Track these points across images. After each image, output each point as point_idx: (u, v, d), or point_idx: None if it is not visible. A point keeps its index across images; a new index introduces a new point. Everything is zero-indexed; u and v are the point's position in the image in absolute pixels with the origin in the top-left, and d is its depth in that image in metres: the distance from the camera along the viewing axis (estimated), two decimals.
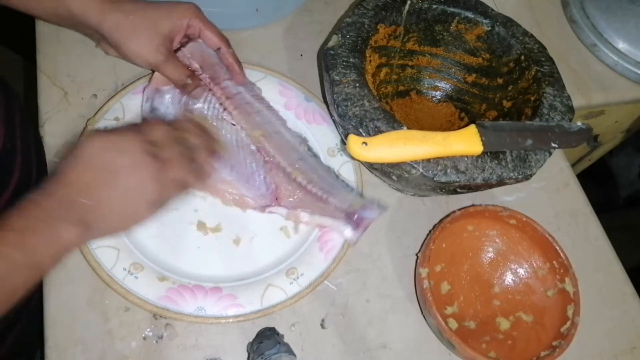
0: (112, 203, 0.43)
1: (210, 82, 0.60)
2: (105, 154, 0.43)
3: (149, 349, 0.51)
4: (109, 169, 0.43)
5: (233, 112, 0.59)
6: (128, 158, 0.43)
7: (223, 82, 0.60)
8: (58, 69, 0.64)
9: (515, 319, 0.58)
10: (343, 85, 0.55)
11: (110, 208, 0.43)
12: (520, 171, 0.53)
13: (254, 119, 0.59)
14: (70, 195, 0.41)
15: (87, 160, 0.42)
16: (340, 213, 0.56)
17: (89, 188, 0.42)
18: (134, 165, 0.43)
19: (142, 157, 0.43)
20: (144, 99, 0.59)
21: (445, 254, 0.60)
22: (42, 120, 0.61)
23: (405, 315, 0.58)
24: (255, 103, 0.61)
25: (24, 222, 0.39)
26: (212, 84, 0.60)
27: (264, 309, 0.53)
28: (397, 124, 0.52)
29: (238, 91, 0.60)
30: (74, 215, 0.40)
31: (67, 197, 0.41)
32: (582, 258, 0.63)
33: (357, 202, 0.57)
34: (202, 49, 0.60)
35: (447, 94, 0.71)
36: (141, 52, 0.55)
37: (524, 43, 0.63)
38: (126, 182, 0.43)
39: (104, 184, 0.42)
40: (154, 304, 0.51)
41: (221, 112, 0.59)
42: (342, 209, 0.56)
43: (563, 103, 0.59)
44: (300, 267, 0.56)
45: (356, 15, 0.60)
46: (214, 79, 0.60)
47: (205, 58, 0.60)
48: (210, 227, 0.57)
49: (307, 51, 0.73)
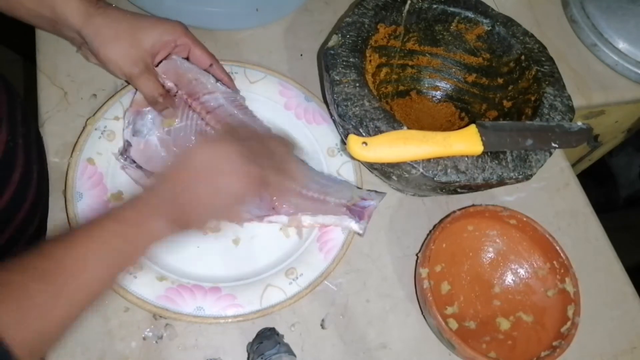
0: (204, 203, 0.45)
1: (187, 98, 0.59)
2: (213, 161, 0.46)
3: (149, 349, 0.51)
4: (211, 173, 0.45)
5: (215, 126, 0.58)
6: (230, 165, 0.45)
7: (202, 96, 0.59)
8: (58, 69, 0.64)
9: (515, 319, 0.58)
10: (343, 85, 0.55)
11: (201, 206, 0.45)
12: (521, 171, 0.53)
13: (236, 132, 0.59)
14: (170, 197, 0.44)
15: (194, 165, 0.45)
16: (341, 208, 0.57)
17: (188, 189, 0.45)
18: (235, 170, 0.45)
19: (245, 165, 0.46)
20: (126, 123, 0.58)
21: (445, 254, 0.60)
22: (42, 120, 0.61)
23: (405, 315, 0.58)
24: (238, 115, 0.60)
25: (133, 215, 0.43)
26: (191, 100, 0.59)
27: (263, 309, 0.53)
28: (397, 124, 0.52)
29: (219, 104, 0.59)
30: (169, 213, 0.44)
31: (167, 199, 0.44)
32: (582, 258, 0.63)
33: (355, 194, 0.58)
34: (177, 65, 0.59)
35: (447, 94, 0.71)
36: (118, 60, 0.54)
37: (524, 43, 0.63)
38: (223, 184, 0.45)
39: (202, 181, 0.45)
40: (153, 304, 0.51)
41: (204, 127, 0.58)
42: (343, 204, 0.57)
43: (563, 103, 0.59)
44: (300, 267, 0.56)
45: (356, 15, 0.60)
46: (192, 95, 0.59)
47: (180, 75, 0.59)
48: (209, 227, 0.57)
49: (307, 51, 0.73)
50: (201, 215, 0.46)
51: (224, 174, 0.45)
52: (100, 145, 0.58)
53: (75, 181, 0.55)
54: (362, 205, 0.57)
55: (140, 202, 0.44)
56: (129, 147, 0.57)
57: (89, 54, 0.58)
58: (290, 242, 0.58)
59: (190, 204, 0.44)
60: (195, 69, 0.60)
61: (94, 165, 0.57)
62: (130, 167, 0.56)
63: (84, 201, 0.54)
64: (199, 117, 0.58)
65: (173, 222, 0.44)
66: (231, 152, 0.45)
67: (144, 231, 0.43)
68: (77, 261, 0.38)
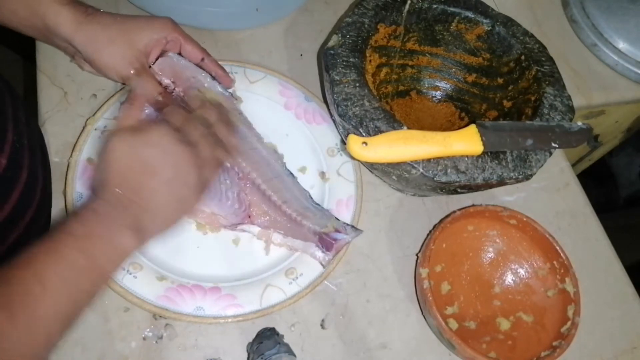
0: (160, 197, 0.43)
1: (184, 96, 0.59)
2: (138, 152, 0.43)
3: (149, 349, 0.51)
4: (147, 166, 0.43)
5: None
6: (161, 150, 0.44)
7: None
8: (58, 69, 0.64)
9: (515, 319, 0.58)
10: (343, 85, 0.55)
11: (159, 202, 0.43)
12: (521, 171, 0.53)
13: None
14: (121, 199, 0.42)
15: (124, 162, 0.43)
16: (313, 235, 0.56)
17: (134, 188, 0.42)
18: (169, 156, 0.44)
19: (173, 146, 0.44)
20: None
21: (445, 254, 0.60)
22: (42, 120, 0.61)
23: (405, 315, 0.58)
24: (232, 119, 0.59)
25: (84, 228, 0.39)
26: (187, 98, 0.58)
27: (263, 309, 0.53)
28: (397, 124, 0.52)
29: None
30: (129, 218, 0.41)
31: (118, 201, 0.42)
32: (582, 258, 0.63)
33: (331, 224, 0.56)
34: (174, 62, 0.59)
35: (447, 94, 0.71)
36: (115, 65, 0.55)
37: (524, 43, 0.63)
38: (166, 174, 0.44)
39: (147, 181, 0.43)
40: (153, 304, 0.51)
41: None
42: (316, 232, 0.56)
43: (563, 103, 0.59)
44: (300, 267, 0.56)
45: (356, 15, 0.60)
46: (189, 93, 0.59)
47: (178, 72, 0.59)
48: (209, 227, 0.57)
49: (307, 51, 0.73)
50: (167, 215, 0.44)
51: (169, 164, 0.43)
52: (100, 146, 0.57)
53: (75, 181, 0.55)
54: (334, 237, 0.55)
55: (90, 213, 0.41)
56: None
57: (82, 62, 0.59)
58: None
59: (151, 206, 0.42)
60: (193, 67, 0.60)
61: (94, 165, 0.57)
62: None
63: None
64: None
65: (138, 230, 0.41)
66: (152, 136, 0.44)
67: (109, 247, 0.40)
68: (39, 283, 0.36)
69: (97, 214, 0.41)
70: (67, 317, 0.38)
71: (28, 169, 0.54)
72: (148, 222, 0.43)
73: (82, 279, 0.38)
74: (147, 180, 0.43)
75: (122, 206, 0.41)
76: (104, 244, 0.40)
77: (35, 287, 0.36)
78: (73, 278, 0.38)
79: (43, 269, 0.37)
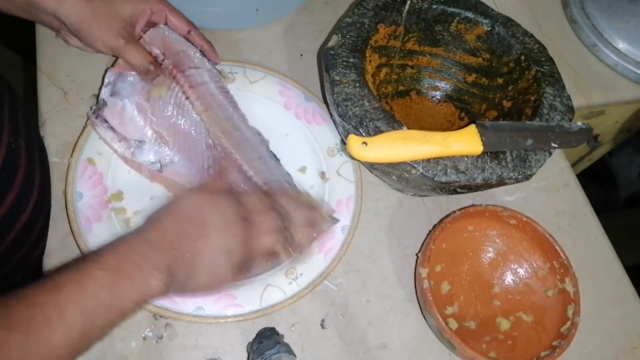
0: (200, 258, 0.42)
1: (173, 69, 0.58)
2: (201, 209, 0.43)
3: (149, 349, 0.51)
4: (202, 223, 0.43)
5: (195, 102, 0.57)
6: (222, 216, 0.43)
7: (187, 69, 0.58)
8: (58, 69, 0.64)
9: (515, 319, 0.58)
10: (343, 85, 0.55)
11: (197, 261, 0.42)
12: (520, 171, 0.53)
13: (215, 113, 0.58)
14: (164, 242, 0.41)
15: (184, 212, 0.43)
16: None
17: (181, 238, 0.42)
18: (226, 224, 0.43)
19: (235, 217, 0.44)
20: (105, 82, 0.57)
21: (445, 254, 0.60)
22: (42, 120, 0.61)
23: (405, 315, 0.58)
24: (219, 96, 0.59)
25: (116, 262, 0.39)
26: (176, 71, 0.58)
27: (263, 309, 0.53)
28: (397, 124, 0.52)
29: (203, 81, 0.59)
30: (164, 262, 0.40)
31: (160, 243, 0.41)
32: (582, 258, 0.63)
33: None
34: (164, 35, 0.59)
35: (447, 94, 0.71)
36: (101, 35, 0.54)
37: (524, 43, 0.63)
38: (216, 239, 0.43)
39: (195, 236, 0.42)
40: (153, 304, 0.51)
41: (184, 100, 0.58)
42: None
43: (563, 103, 0.59)
44: (300, 267, 0.56)
45: (356, 15, 0.60)
46: (178, 66, 0.58)
47: (168, 44, 0.59)
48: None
49: (307, 51, 0.73)
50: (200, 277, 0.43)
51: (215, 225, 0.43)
52: (100, 145, 0.58)
53: (75, 181, 0.55)
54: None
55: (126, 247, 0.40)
56: (104, 106, 0.56)
57: (68, 36, 0.58)
58: None
59: (189, 260, 0.41)
60: (183, 41, 0.60)
61: (94, 165, 0.57)
62: (101, 126, 0.55)
63: (84, 201, 0.54)
64: (180, 89, 0.58)
65: (168, 276, 0.40)
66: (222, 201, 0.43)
67: (135, 287, 0.39)
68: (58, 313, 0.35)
69: (133, 250, 0.40)
70: (76, 349, 0.37)
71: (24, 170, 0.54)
72: (180, 273, 0.41)
73: (100, 315, 0.37)
74: (195, 236, 0.42)
75: (161, 249, 0.40)
76: (131, 284, 0.39)
77: (54, 316, 0.35)
78: (92, 313, 0.37)
79: (66, 301, 0.36)
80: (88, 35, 0.54)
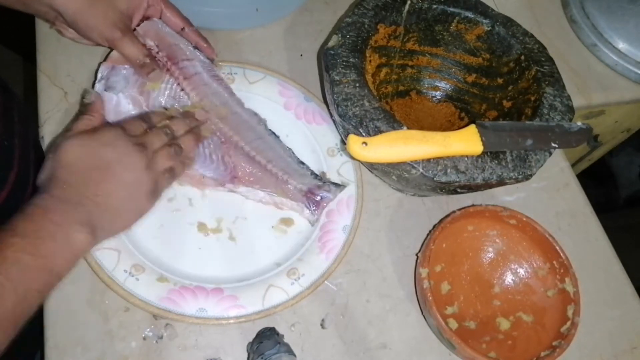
0: (114, 198, 0.43)
1: (167, 61, 0.59)
2: (95, 152, 0.43)
3: (149, 349, 0.51)
4: (103, 166, 0.43)
5: (190, 93, 0.58)
6: (118, 152, 0.43)
7: (181, 62, 0.59)
8: (58, 69, 0.64)
9: (515, 319, 0.58)
10: (343, 85, 0.55)
11: (113, 204, 0.43)
12: (520, 171, 0.53)
13: (211, 101, 0.59)
14: (75, 195, 0.41)
15: (77, 159, 0.42)
16: (299, 194, 0.58)
17: (89, 185, 0.42)
18: (126, 158, 0.43)
19: (132, 149, 0.44)
20: (99, 77, 0.57)
21: (445, 254, 0.60)
22: (42, 120, 0.61)
23: (405, 315, 0.58)
24: (214, 84, 0.61)
25: (33, 226, 0.38)
26: (170, 64, 0.59)
27: (265, 309, 0.53)
28: (397, 124, 0.52)
29: (196, 71, 0.60)
30: (82, 216, 0.40)
31: (71, 199, 0.41)
32: (582, 258, 0.63)
33: (315, 183, 0.58)
34: (158, 28, 0.60)
35: (447, 94, 0.71)
36: (98, 26, 0.54)
37: (524, 43, 0.63)
38: (122, 176, 0.43)
39: (102, 180, 0.42)
40: (155, 306, 0.51)
41: (179, 92, 0.59)
42: (302, 190, 0.58)
43: (563, 103, 0.59)
44: (301, 268, 0.56)
45: (356, 15, 0.60)
46: (172, 59, 0.59)
47: (162, 37, 0.59)
48: (210, 228, 0.57)
49: (307, 51, 0.73)
50: (123, 215, 0.44)
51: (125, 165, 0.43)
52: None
53: None
54: (320, 195, 0.58)
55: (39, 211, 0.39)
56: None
57: (64, 27, 0.58)
58: (291, 243, 0.58)
59: (106, 204, 0.42)
60: (176, 35, 0.61)
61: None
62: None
63: None
64: (175, 81, 0.59)
65: (92, 228, 0.40)
66: (109, 138, 0.43)
67: (62, 245, 0.39)
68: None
69: (47, 210, 0.39)
70: (17, 316, 0.37)
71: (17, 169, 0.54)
72: (104, 220, 0.42)
73: (32, 279, 0.37)
74: (102, 180, 0.42)
75: (74, 202, 0.40)
76: (56, 242, 0.38)
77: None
78: (21, 278, 0.36)
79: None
80: (84, 26, 0.54)
